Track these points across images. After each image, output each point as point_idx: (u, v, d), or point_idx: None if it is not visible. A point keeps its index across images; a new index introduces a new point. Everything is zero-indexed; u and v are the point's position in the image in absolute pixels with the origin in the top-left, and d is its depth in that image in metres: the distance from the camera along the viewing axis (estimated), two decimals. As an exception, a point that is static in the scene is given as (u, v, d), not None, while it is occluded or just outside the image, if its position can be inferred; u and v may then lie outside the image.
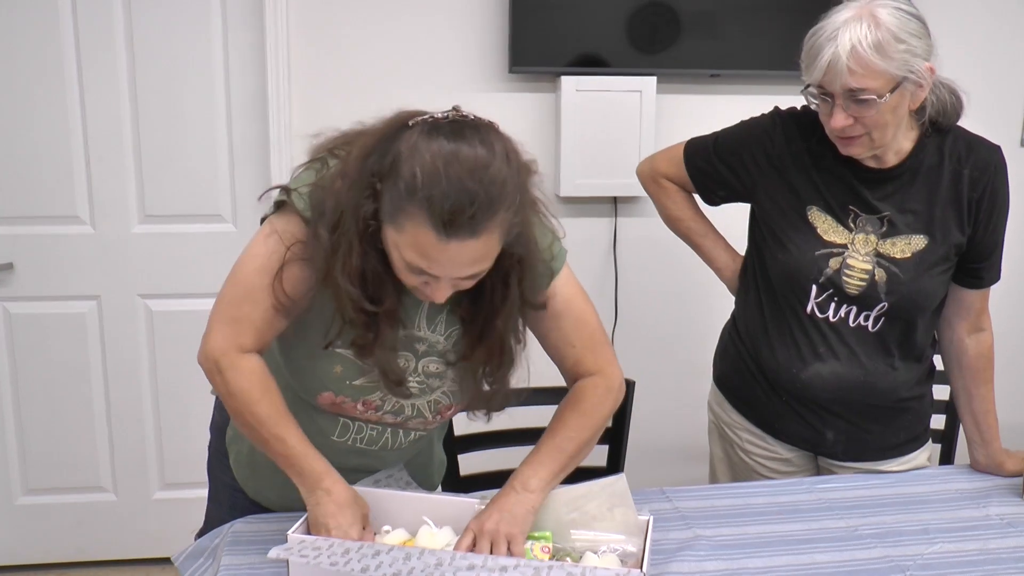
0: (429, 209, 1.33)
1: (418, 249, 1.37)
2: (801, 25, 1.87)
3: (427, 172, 1.33)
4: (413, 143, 1.36)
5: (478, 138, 1.37)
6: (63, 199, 3.07)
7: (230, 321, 1.55)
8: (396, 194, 1.36)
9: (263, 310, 1.54)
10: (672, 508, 1.89)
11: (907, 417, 2.11)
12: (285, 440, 1.56)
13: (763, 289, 2.10)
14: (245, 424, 1.58)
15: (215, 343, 1.55)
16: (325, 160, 1.51)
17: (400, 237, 1.39)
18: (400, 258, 1.41)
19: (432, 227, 1.34)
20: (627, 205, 3.26)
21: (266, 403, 1.56)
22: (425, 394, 1.70)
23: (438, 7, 3.06)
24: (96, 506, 3.30)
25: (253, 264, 1.54)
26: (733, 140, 2.10)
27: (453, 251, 1.36)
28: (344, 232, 1.43)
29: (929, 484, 2.03)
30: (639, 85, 3.09)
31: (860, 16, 1.75)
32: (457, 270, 1.41)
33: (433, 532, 1.57)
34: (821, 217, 1.98)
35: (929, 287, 1.96)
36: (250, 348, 1.56)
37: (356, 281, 1.45)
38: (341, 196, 1.43)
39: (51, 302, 3.13)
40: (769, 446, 2.17)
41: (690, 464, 3.19)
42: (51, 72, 2.99)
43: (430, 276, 1.43)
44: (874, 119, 1.79)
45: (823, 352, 2.01)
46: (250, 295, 1.54)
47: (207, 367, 1.57)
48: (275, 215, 1.55)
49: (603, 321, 3.22)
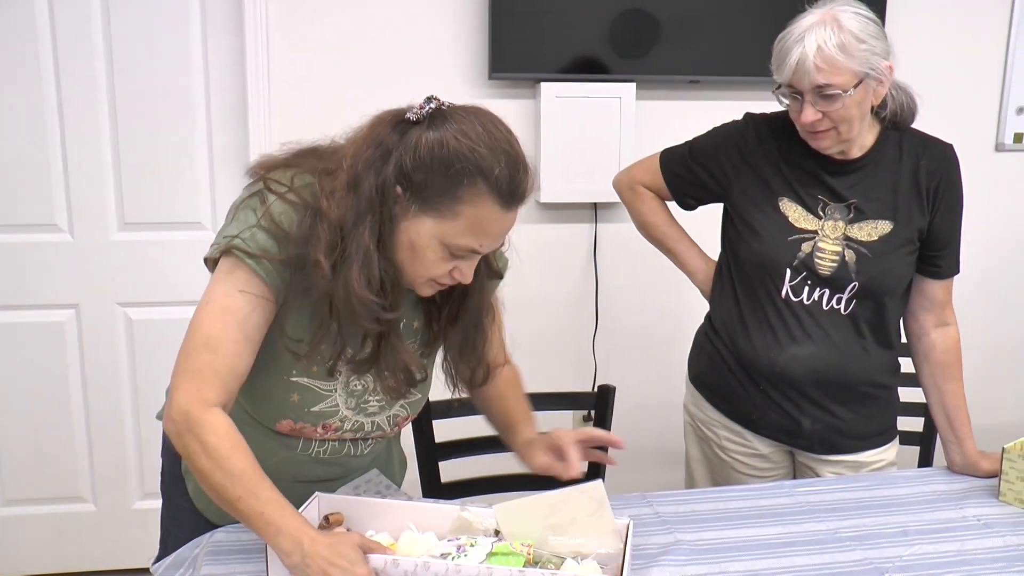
0: (495, 185, 1.39)
1: (477, 229, 1.43)
2: (779, 32, 1.97)
3: (486, 151, 1.39)
4: (442, 134, 1.40)
5: (489, 119, 1.45)
6: (40, 206, 3.05)
7: (191, 374, 1.46)
8: (445, 185, 1.40)
9: (223, 356, 1.46)
10: (653, 513, 1.88)
11: (878, 407, 2.17)
12: (259, 496, 1.43)
13: (738, 282, 2.17)
14: (214, 483, 1.44)
15: (178, 402, 1.46)
16: (262, 196, 1.49)
17: (451, 224, 1.42)
18: (443, 247, 1.45)
19: (498, 200, 1.41)
20: (607, 211, 3.27)
21: (237, 458, 1.44)
22: (385, 410, 1.71)
23: (418, 14, 3.06)
24: (75, 516, 3.27)
25: (209, 312, 1.48)
26: (708, 143, 2.21)
27: (509, 220, 1.46)
28: (359, 246, 1.43)
29: (907, 486, 2.04)
30: (619, 91, 3.12)
31: (824, 20, 1.89)
32: (500, 240, 1.51)
33: (415, 537, 1.56)
34: (792, 207, 2.08)
35: (896, 267, 2.06)
36: (215, 402, 1.46)
37: (376, 290, 1.45)
38: (345, 211, 1.43)
39: (29, 311, 3.11)
40: (747, 442, 2.21)
41: (671, 468, 3.14)
42: (28, 77, 2.97)
43: (469, 257, 1.48)
44: (840, 113, 1.92)
45: (798, 335, 2.08)
46: (208, 343, 1.46)
47: (175, 428, 1.46)
48: (224, 261, 1.50)
49: (584, 326, 3.35)
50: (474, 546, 1.52)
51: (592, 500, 1.57)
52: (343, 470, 1.78)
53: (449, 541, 1.56)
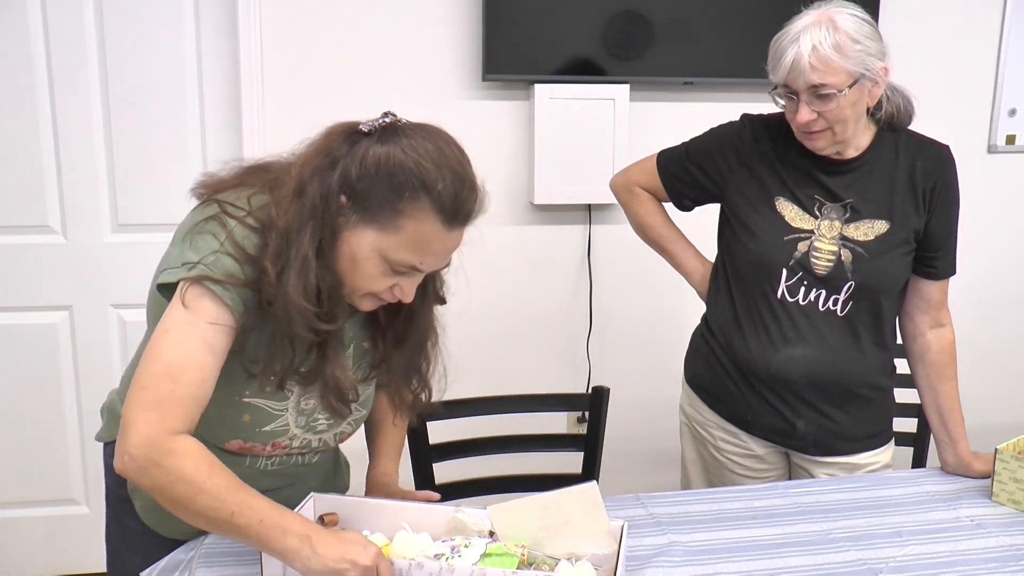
0: (438, 201, 1.39)
1: (418, 245, 1.42)
2: (772, 34, 1.98)
3: (431, 167, 1.38)
4: (396, 150, 1.39)
5: (442, 137, 1.44)
6: (34, 208, 3.04)
7: (152, 404, 1.38)
8: (389, 197, 1.39)
9: (186, 386, 1.40)
10: (647, 514, 1.88)
11: (872, 409, 2.17)
12: (253, 506, 1.38)
13: (734, 283, 2.17)
14: (199, 508, 1.37)
15: (139, 434, 1.36)
16: (221, 220, 1.46)
17: (392, 238, 1.41)
18: (383, 261, 1.43)
19: (440, 218, 1.40)
20: (601, 212, 3.28)
21: (220, 477, 1.38)
22: (333, 428, 1.70)
23: (412, 16, 3.06)
24: (67, 519, 3.26)
25: (170, 341, 1.41)
26: (705, 144, 2.21)
27: (452, 241, 1.45)
28: (298, 252, 1.40)
29: (901, 487, 2.05)
30: (612, 93, 3.12)
31: (820, 21, 1.90)
32: (443, 260, 1.49)
33: (410, 537, 1.56)
34: (788, 206, 2.08)
35: (892, 267, 2.06)
36: (180, 430, 1.39)
37: (312, 299, 1.42)
38: (291, 218, 1.41)
39: (22, 312, 3.10)
40: (742, 443, 2.21)
41: (665, 470, 3.17)
42: (21, 79, 2.96)
43: (410, 275, 1.46)
44: (835, 113, 1.93)
45: (792, 337, 2.08)
46: (170, 373, 1.39)
47: (136, 464, 1.37)
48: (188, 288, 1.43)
49: (578, 328, 3.35)
50: (468, 547, 1.51)
51: (587, 501, 1.56)
52: (291, 479, 1.75)
53: (443, 542, 1.55)
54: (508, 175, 3.22)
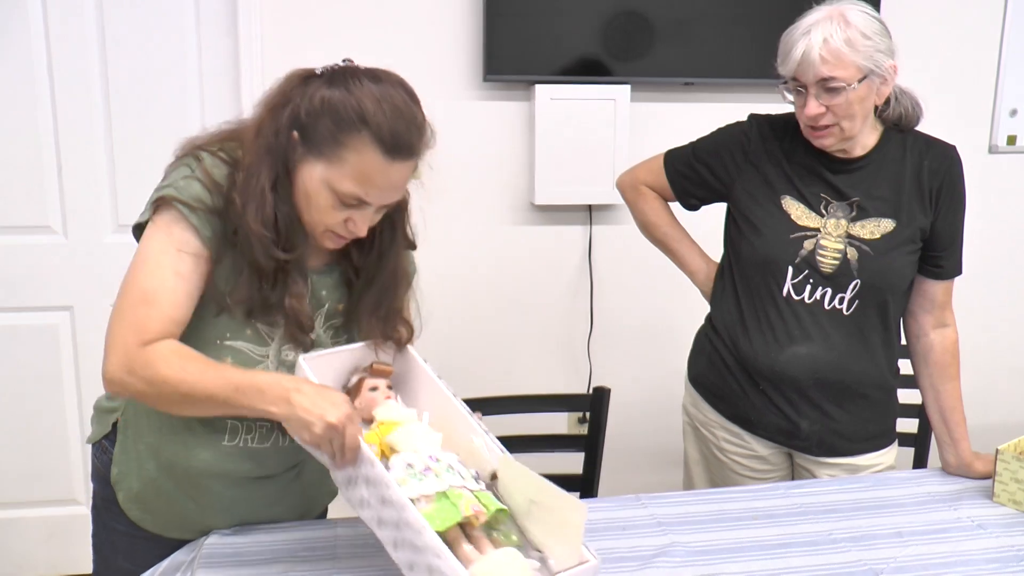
0: (377, 134, 1.46)
1: (361, 177, 1.48)
2: (774, 35, 2.00)
3: (370, 103, 1.46)
4: (341, 89, 1.49)
5: (391, 80, 1.53)
6: (34, 208, 3.04)
7: (127, 326, 1.49)
8: (332, 130, 1.47)
9: (162, 307, 1.50)
10: (648, 515, 1.88)
11: (876, 409, 2.16)
12: (227, 376, 1.45)
13: (739, 281, 2.17)
14: (180, 397, 1.46)
15: (115, 352, 1.48)
16: (196, 155, 1.57)
17: (337, 170, 1.49)
18: (332, 193, 1.50)
19: (379, 150, 1.47)
20: (602, 213, 3.27)
21: (194, 363, 1.46)
22: None
23: (413, 15, 3.06)
24: (68, 519, 3.25)
25: (145, 268, 1.52)
26: (712, 143, 2.22)
27: (395, 173, 1.50)
28: (256, 184, 1.50)
29: (902, 487, 2.04)
30: (613, 93, 3.12)
31: (831, 16, 1.92)
32: (389, 195, 1.54)
33: (415, 432, 1.52)
34: (794, 204, 2.09)
35: (898, 265, 2.05)
36: (155, 340, 1.48)
37: (270, 227, 1.51)
38: (251, 156, 1.52)
39: (23, 313, 3.09)
40: (745, 443, 2.21)
41: (666, 470, 3.20)
42: (22, 79, 2.96)
43: (359, 208, 1.53)
44: (844, 109, 1.94)
45: (797, 335, 2.08)
46: (145, 298, 1.49)
47: (117, 383, 1.48)
48: (158, 216, 1.55)
49: (578, 329, 3.35)
50: (439, 477, 1.46)
51: (567, 523, 1.49)
52: (269, 465, 1.74)
53: (431, 457, 1.50)
54: (509, 176, 3.22)
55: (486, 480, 1.56)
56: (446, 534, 1.41)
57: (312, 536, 1.76)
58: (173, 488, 1.70)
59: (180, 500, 1.71)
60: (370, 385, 1.63)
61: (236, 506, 1.76)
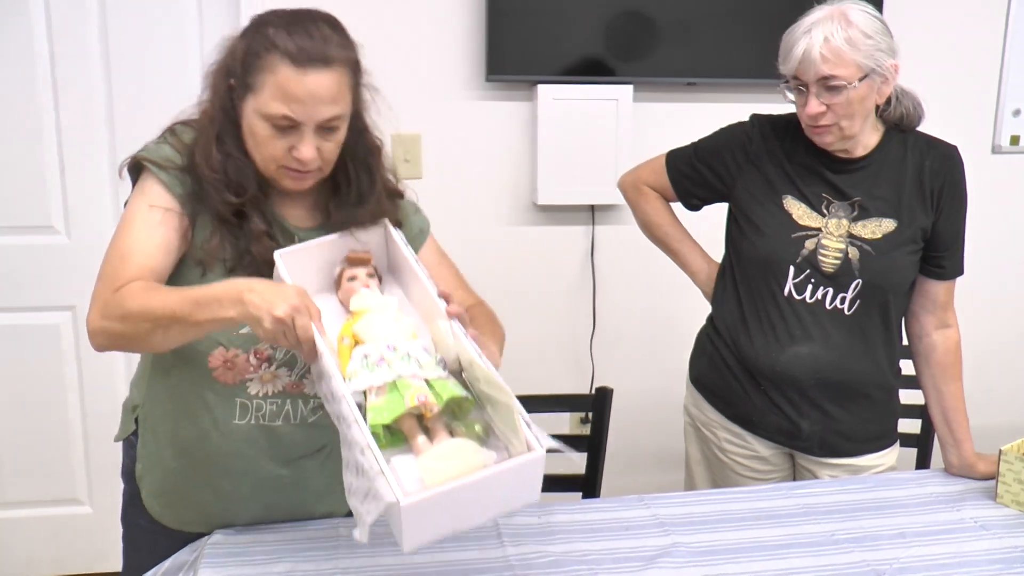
0: (284, 49, 1.51)
1: (280, 93, 1.51)
2: (776, 35, 2.01)
3: (277, 27, 1.53)
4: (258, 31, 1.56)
5: (309, 14, 1.59)
6: (36, 207, 3.03)
7: (104, 278, 1.55)
8: (251, 63, 1.54)
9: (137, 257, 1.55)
10: (651, 515, 1.88)
11: (878, 410, 2.17)
12: (188, 295, 1.46)
13: (740, 281, 2.18)
14: (152, 327, 1.48)
15: (96, 304, 1.53)
16: (171, 129, 1.67)
17: (260, 97, 1.53)
18: (265, 121, 1.54)
19: (289, 62, 1.50)
20: (605, 213, 3.27)
21: (157, 291, 1.50)
22: None
23: (415, 15, 3.06)
24: (71, 519, 3.26)
25: (121, 230, 1.60)
26: (714, 143, 2.22)
27: (311, 82, 1.51)
28: (205, 135, 1.60)
29: (905, 488, 2.04)
30: (616, 94, 3.12)
31: (832, 15, 1.93)
32: (316, 109, 1.53)
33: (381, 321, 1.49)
34: (796, 204, 2.09)
35: (899, 264, 2.06)
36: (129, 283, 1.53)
37: (219, 171, 1.58)
38: (204, 115, 1.62)
39: (25, 313, 3.09)
40: (746, 443, 2.21)
41: (669, 471, 3.19)
42: (24, 78, 2.96)
43: (295, 130, 1.54)
44: (844, 108, 1.94)
45: (799, 335, 2.08)
46: (120, 255, 1.56)
47: (98, 331, 1.54)
48: (138, 184, 1.66)
49: (581, 329, 3.35)
50: (391, 367, 1.42)
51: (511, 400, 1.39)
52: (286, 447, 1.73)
53: (388, 347, 1.46)
54: (511, 176, 3.22)
55: (453, 367, 1.49)
56: (401, 426, 1.39)
57: (315, 535, 1.75)
58: (192, 477, 1.72)
59: (199, 490, 1.73)
60: (348, 275, 1.62)
61: (256, 496, 1.76)
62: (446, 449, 1.36)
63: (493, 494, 1.35)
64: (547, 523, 1.84)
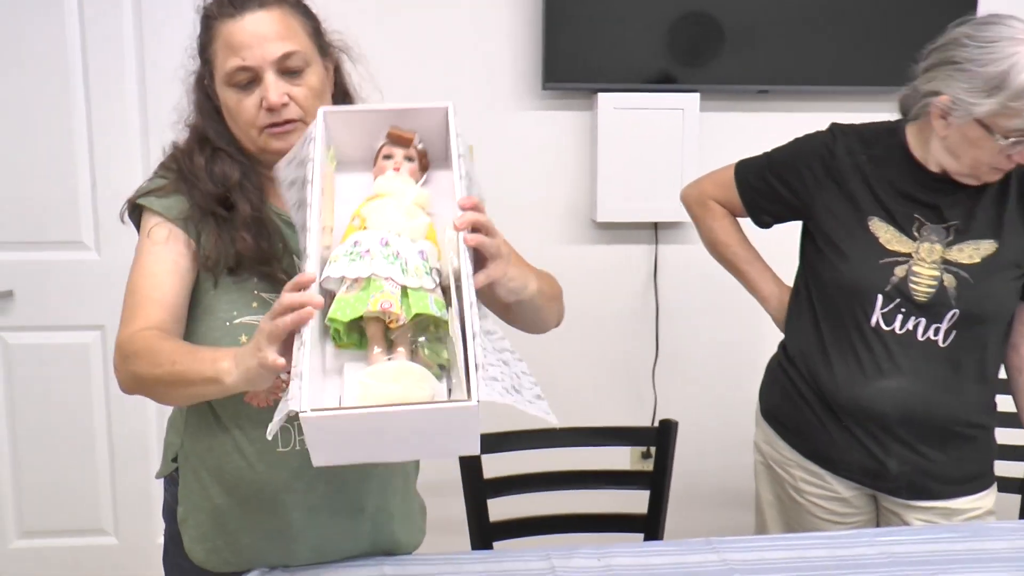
0: (219, 10, 1.60)
1: (228, 48, 1.59)
2: (856, 38, 2.06)
3: (213, 3, 1.62)
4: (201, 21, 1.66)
5: None
6: (66, 223, 3.06)
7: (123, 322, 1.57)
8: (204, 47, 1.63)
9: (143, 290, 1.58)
10: (719, 560, 1.80)
11: (972, 448, 2.08)
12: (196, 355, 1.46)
13: (819, 307, 2.10)
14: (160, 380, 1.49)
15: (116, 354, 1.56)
16: (162, 164, 1.71)
17: (218, 62, 1.61)
18: (230, 86, 1.60)
19: (226, 17, 1.59)
20: (669, 231, 3.24)
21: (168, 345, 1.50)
22: None
23: (468, 21, 3.07)
24: (96, 550, 3.26)
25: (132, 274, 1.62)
26: (789, 155, 2.15)
27: (250, 25, 1.58)
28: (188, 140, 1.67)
29: (1006, 539, 1.90)
30: (681, 102, 3.08)
31: None
32: (265, 48, 1.58)
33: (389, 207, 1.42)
34: (883, 227, 2.01)
35: (1000, 292, 1.98)
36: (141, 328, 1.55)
37: (202, 167, 1.63)
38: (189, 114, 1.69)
39: (52, 332, 3.11)
40: (825, 483, 2.12)
41: (738, 511, 3.11)
42: (57, 94, 3.00)
43: (256, 83, 1.59)
44: None
45: (887, 368, 2.00)
46: (131, 290, 1.59)
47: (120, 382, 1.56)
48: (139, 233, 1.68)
49: (643, 355, 3.30)
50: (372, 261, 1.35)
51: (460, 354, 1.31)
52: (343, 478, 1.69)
53: (381, 240, 1.38)
54: (569, 191, 3.20)
55: (446, 283, 1.41)
56: (366, 331, 1.34)
57: (358, 574, 1.73)
58: (241, 516, 1.69)
59: (248, 530, 1.70)
60: (385, 152, 1.55)
61: (306, 534, 1.71)
62: (390, 370, 1.30)
63: (416, 433, 1.25)
64: (607, 566, 1.78)
